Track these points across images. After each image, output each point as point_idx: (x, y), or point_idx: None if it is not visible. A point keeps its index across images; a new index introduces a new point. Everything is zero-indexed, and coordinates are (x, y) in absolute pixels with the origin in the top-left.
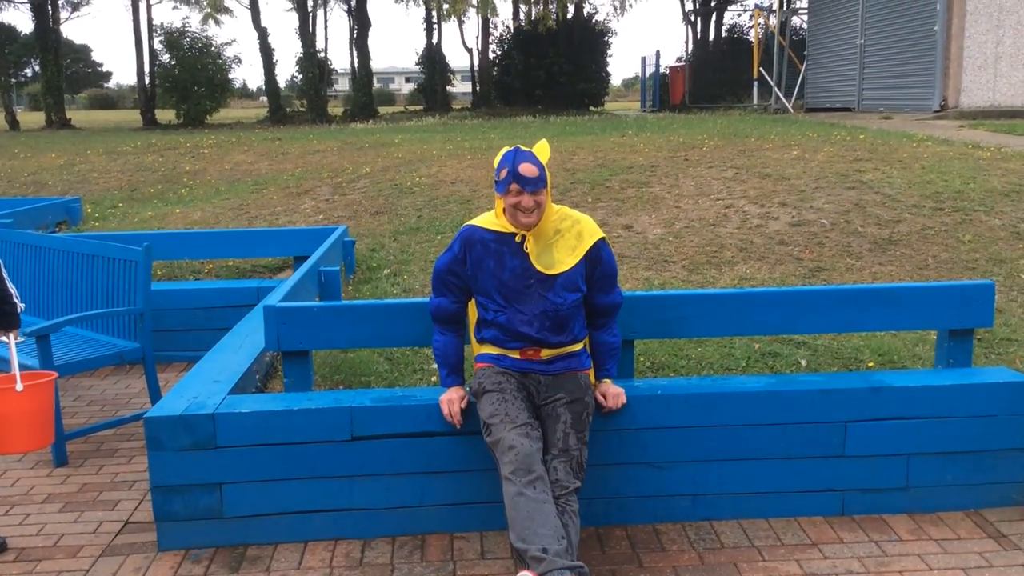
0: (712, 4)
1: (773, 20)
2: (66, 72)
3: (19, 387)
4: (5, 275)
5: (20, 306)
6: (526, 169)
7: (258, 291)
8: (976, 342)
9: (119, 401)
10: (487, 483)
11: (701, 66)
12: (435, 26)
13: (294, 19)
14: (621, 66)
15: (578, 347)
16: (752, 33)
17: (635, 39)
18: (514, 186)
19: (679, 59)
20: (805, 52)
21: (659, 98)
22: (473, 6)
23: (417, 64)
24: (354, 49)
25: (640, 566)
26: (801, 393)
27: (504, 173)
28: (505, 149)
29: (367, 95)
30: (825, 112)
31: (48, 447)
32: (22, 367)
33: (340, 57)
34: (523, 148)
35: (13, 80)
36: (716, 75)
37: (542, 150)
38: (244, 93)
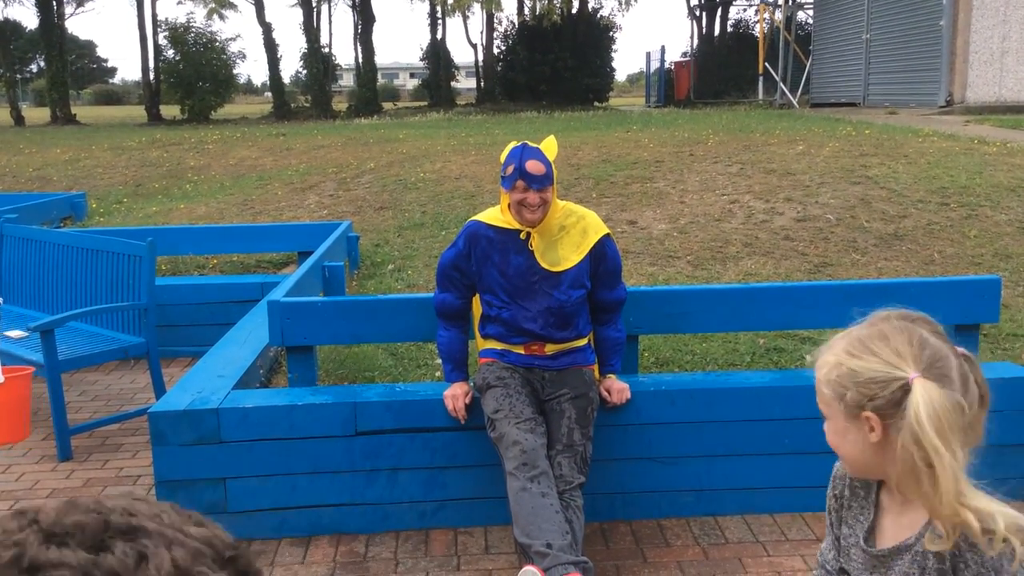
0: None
1: (778, 15)
2: (71, 68)
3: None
4: None
5: None
6: (533, 167)
7: (262, 286)
8: (982, 337)
9: (123, 396)
10: (491, 478)
11: (706, 61)
12: (439, 21)
13: (298, 14)
14: (626, 62)
15: (582, 342)
16: (757, 28)
17: (640, 34)
18: (520, 183)
19: (684, 54)
20: (810, 47)
21: (664, 93)
22: (477, 1)
23: (421, 59)
24: (358, 44)
25: (644, 561)
26: (806, 388)
27: (511, 169)
28: (512, 144)
29: (371, 90)
30: (830, 107)
31: (21, 441)
32: (27, 362)
33: (344, 52)
34: (530, 144)
35: (18, 76)
36: (721, 70)
37: (549, 146)
38: (248, 89)
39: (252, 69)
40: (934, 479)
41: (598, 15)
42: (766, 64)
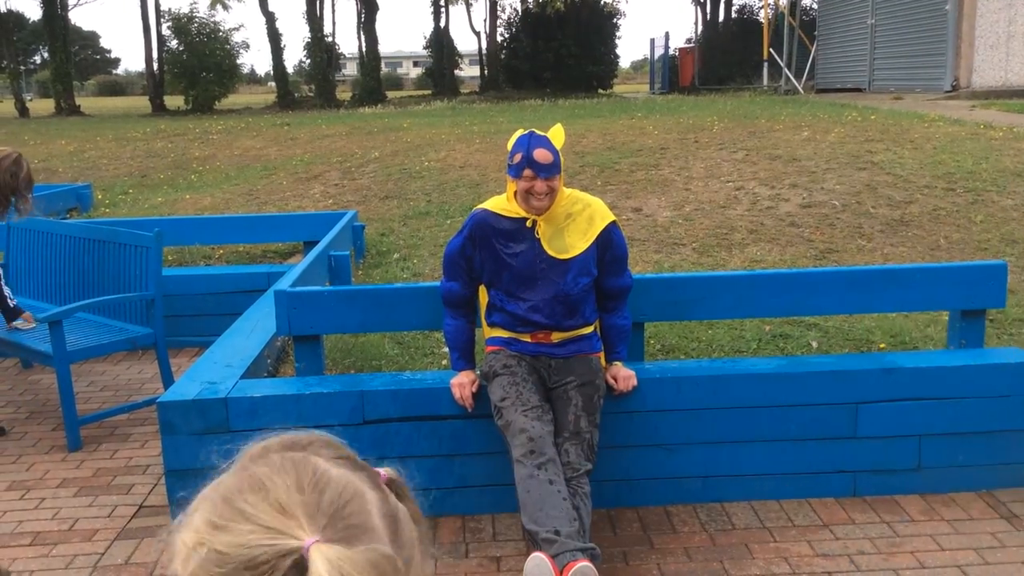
0: None
1: (783, 0)
2: (75, 59)
3: None
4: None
5: (11, 301)
6: (541, 155)
7: (269, 276)
8: (988, 323)
9: (132, 386)
10: (499, 466)
11: (710, 47)
12: (443, 9)
13: (302, 3)
14: (630, 48)
15: (589, 330)
16: (762, 14)
17: (644, 21)
18: (528, 171)
19: (688, 41)
20: (815, 32)
21: (668, 80)
22: None
23: (425, 48)
24: (362, 33)
25: (652, 547)
26: (812, 375)
27: (518, 157)
28: (519, 132)
29: (375, 79)
30: (836, 93)
31: None
32: (36, 352)
33: (348, 42)
34: (538, 132)
35: (22, 67)
36: (726, 56)
37: (557, 135)
38: (252, 78)
39: (256, 59)
40: None
41: (601, 2)
42: (771, 50)
